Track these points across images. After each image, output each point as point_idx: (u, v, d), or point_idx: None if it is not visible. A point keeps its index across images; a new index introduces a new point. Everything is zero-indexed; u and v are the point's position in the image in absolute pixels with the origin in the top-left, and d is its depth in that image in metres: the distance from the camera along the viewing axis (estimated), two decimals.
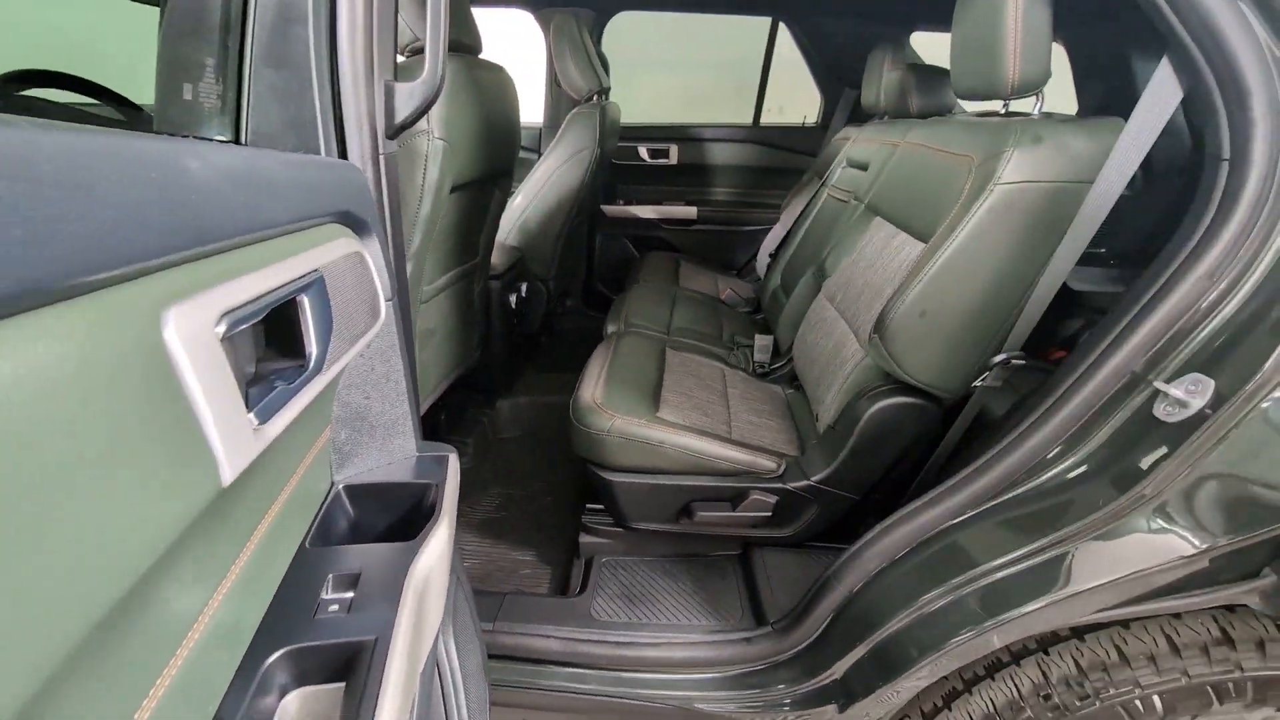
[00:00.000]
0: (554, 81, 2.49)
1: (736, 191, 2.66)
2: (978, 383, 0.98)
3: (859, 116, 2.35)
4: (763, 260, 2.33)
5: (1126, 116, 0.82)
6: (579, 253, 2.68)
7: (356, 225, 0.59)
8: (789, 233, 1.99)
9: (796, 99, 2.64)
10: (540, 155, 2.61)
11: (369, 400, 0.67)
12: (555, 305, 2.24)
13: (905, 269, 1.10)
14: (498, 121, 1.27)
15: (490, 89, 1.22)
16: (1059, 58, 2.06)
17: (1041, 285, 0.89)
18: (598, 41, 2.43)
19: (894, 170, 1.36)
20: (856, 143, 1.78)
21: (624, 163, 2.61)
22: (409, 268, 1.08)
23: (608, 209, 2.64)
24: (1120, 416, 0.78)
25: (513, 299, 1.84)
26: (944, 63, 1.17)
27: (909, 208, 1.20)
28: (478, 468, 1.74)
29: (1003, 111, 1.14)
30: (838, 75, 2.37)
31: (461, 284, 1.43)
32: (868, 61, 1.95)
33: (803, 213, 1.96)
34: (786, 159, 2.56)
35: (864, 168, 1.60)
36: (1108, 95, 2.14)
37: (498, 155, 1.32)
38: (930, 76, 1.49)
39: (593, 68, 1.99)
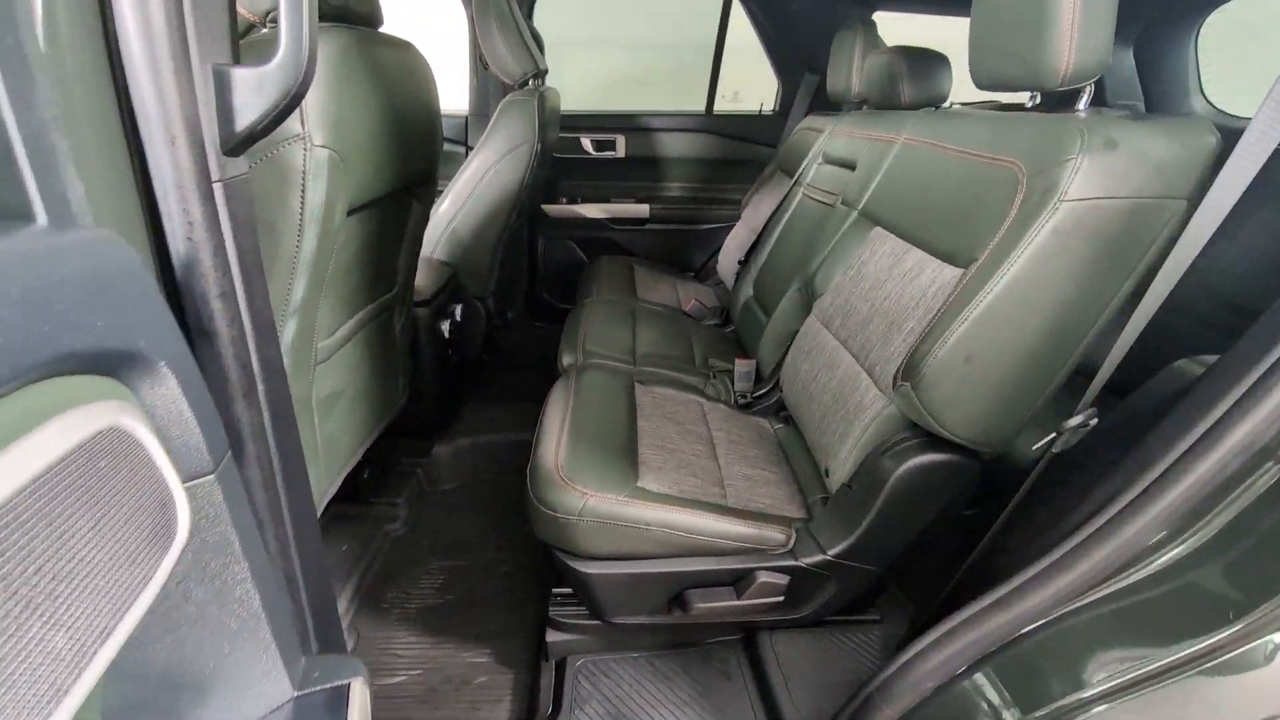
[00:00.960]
0: (480, 63, 2.16)
1: (691, 187, 2.43)
2: (1046, 445, 0.80)
3: (823, 104, 2.17)
4: (727, 264, 2.11)
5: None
6: (519, 259, 2.38)
7: (119, 365, 0.31)
8: (759, 237, 1.78)
9: (754, 84, 2.43)
10: (467, 149, 2.28)
11: (185, 651, 0.39)
12: (496, 323, 1.95)
13: (933, 297, 0.90)
14: (411, 115, 0.97)
15: (397, 73, 0.92)
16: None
17: (1129, 327, 0.71)
18: (529, 16, 2.12)
19: (896, 172, 1.17)
20: (834, 136, 1.59)
21: (566, 156, 2.32)
22: (290, 329, 0.78)
23: (549, 209, 2.35)
24: (1246, 497, 0.61)
25: (445, 326, 1.54)
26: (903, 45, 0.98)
27: (924, 220, 1.01)
28: (413, 536, 1.44)
29: (1029, 105, 0.96)
30: (798, 58, 2.17)
31: (376, 323, 1.13)
32: (834, 43, 1.76)
33: (774, 214, 1.75)
34: (744, 150, 2.35)
35: (849, 166, 1.41)
36: None
37: (413, 159, 1.02)
38: (928, 62, 1.31)
39: (526, 47, 1.69)
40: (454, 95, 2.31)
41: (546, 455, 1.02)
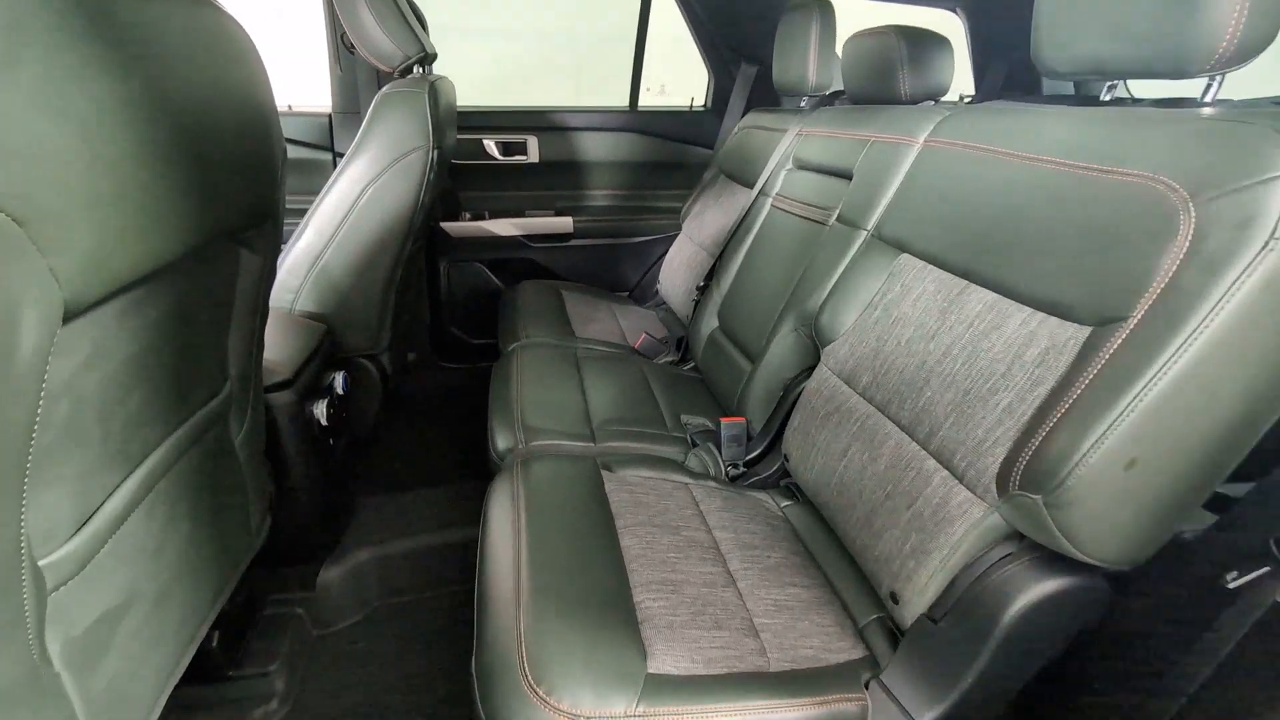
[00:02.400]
0: (342, 44, 1.69)
1: (619, 195, 2.10)
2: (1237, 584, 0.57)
3: (762, 98, 1.92)
4: (672, 284, 1.82)
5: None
6: (417, 290, 1.93)
7: None
8: (719, 259, 1.49)
9: (682, 76, 2.15)
10: (336, 158, 1.80)
11: None
12: (395, 381, 1.51)
13: (1040, 364, 0.65)
14: (219, 118, 0.57)
15: (181, 47, 0.51)
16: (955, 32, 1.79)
17: None
18: None
19: (921, 184, 0.92)
20: (806, 137, 1.33)
21: (466, 162, 1.91)
22: None
23: (451, 227, 1.92)
24: None
25: (321, 408, 1.10)
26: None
27: (994, 252, 0.76)
28: (300, 715, 1.01)
29: (1130, 99, 0.74)
30: (731, 47, 1.91)
31: (197, 452, 0.70)
32: (782, 27, 1.51)
33: (736, 231, 1.47)
34: (677, 152, 2.06)
35: (838, 174, 1.15)
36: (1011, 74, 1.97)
37: (232, 190, 0.61)
38: (931, 46, 1.07)
39: (406, 24, 1.28)
40: (310, 86, 1.81)
41: (500, 642, 0.66)
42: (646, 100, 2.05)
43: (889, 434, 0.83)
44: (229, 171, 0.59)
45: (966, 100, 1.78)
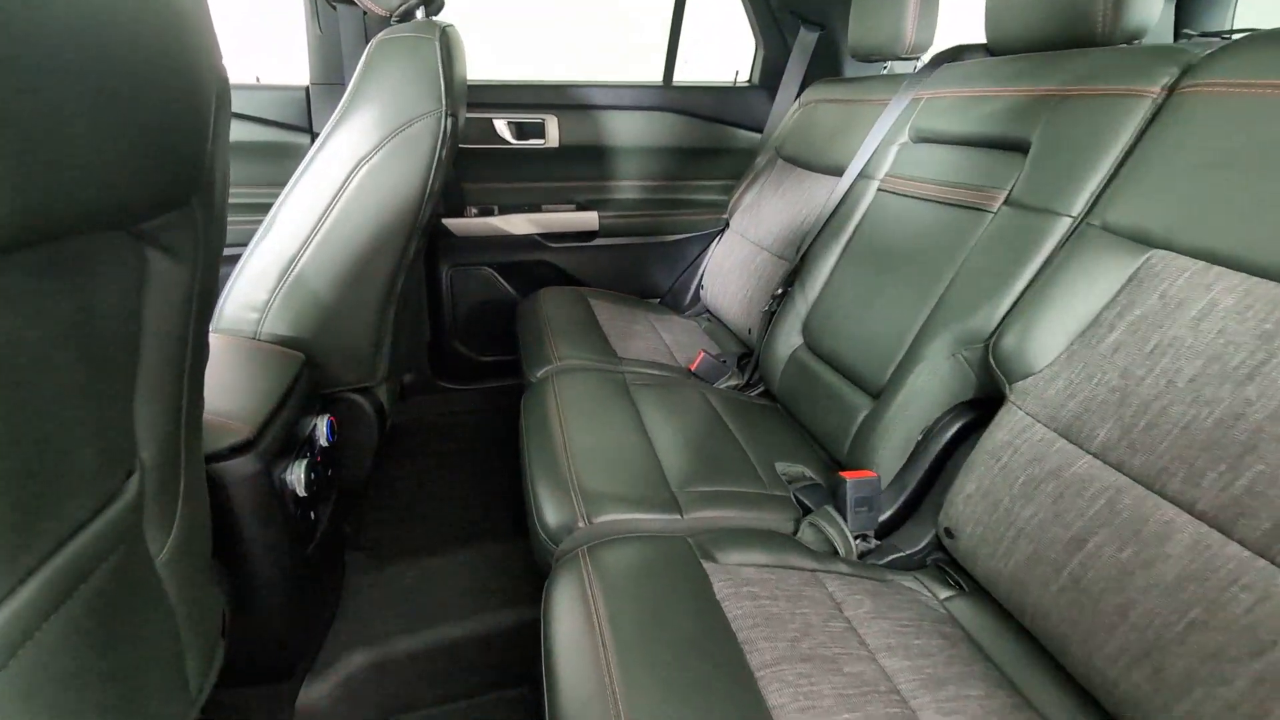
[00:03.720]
0: None
1: (652, 185, 1.81)
2: None
3: (824, 69, 1.64)
4: (720, 290, 1.52)
5: None
6: (414, 298, 1.62)
7: None
8: (802, 262, 1.20)
9: (713, 46, 1.86)
10: (312, 136, 1.48)
11: None
12: (393, 417, 1.20)
13: None
14: (85, 42, 0.26)
15: None
16: None
17: None
18: None
19: (1198, 149, 0.63)
20: (929, 102, 1.04)
21: (471, 147, 1.60)
22: None
23: (454, 224, 1.61)
24: None
25: (298, 474, 0.79)
26: None
27: None
28: None
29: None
30: (792, 8, 1.62)
31: (72, 608, 0.39)
32: None
33: (825, 226, 1.18)
34: (719, 135, 1.77)
35: (1002, 145, 0.86)
36: None
37: (117, 151, 0.30)
38: None
39: None
40: (285, 60, 1.49)
41: None
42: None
43: (1173, 523, 0.54)
44: (104, 121, 0.28)
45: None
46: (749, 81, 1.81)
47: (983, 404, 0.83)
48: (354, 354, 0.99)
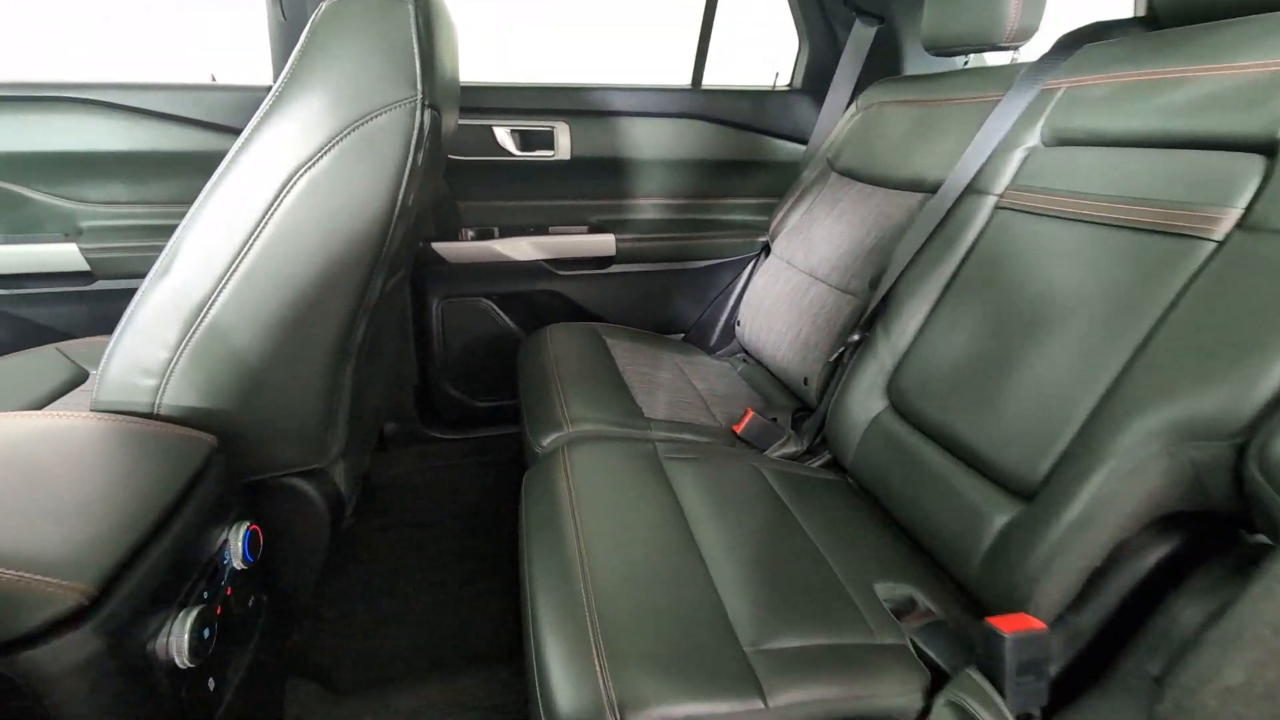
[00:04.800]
0: None
1: (678, 203, 1.56)
2: None
3: (884, 66, 1.40)
4: (761, 328, 1.26)
5: None
6: (399, 336, 1.36)
7: None
8: (886, 300, 0.94)
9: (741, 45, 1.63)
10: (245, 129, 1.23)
11: None
12: (355, 495, 0.93)
13: None
14: None
15: None
16: None
17: None
18: None
19: None
20: (1076, 91, 0.78)
21: (468, 158, 1.36)
22: None
23: (444, 249, 1.36)
24: None
25: (176, 640, 0.52)
26: None
27: None
28: None
29: None
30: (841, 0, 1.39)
31: None
32: None
33: (919, 255, 0.91)
34: (754, 146, 1.52)
35: (1215, 145, 0.60)
36: None
37: None
38: None
39: None
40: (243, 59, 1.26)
41: None
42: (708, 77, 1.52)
43: None
44: None
45: None
46: (789, 85, 1.58)
47: (1209, 519, 0.56)
48: (294, 429, 0.73)
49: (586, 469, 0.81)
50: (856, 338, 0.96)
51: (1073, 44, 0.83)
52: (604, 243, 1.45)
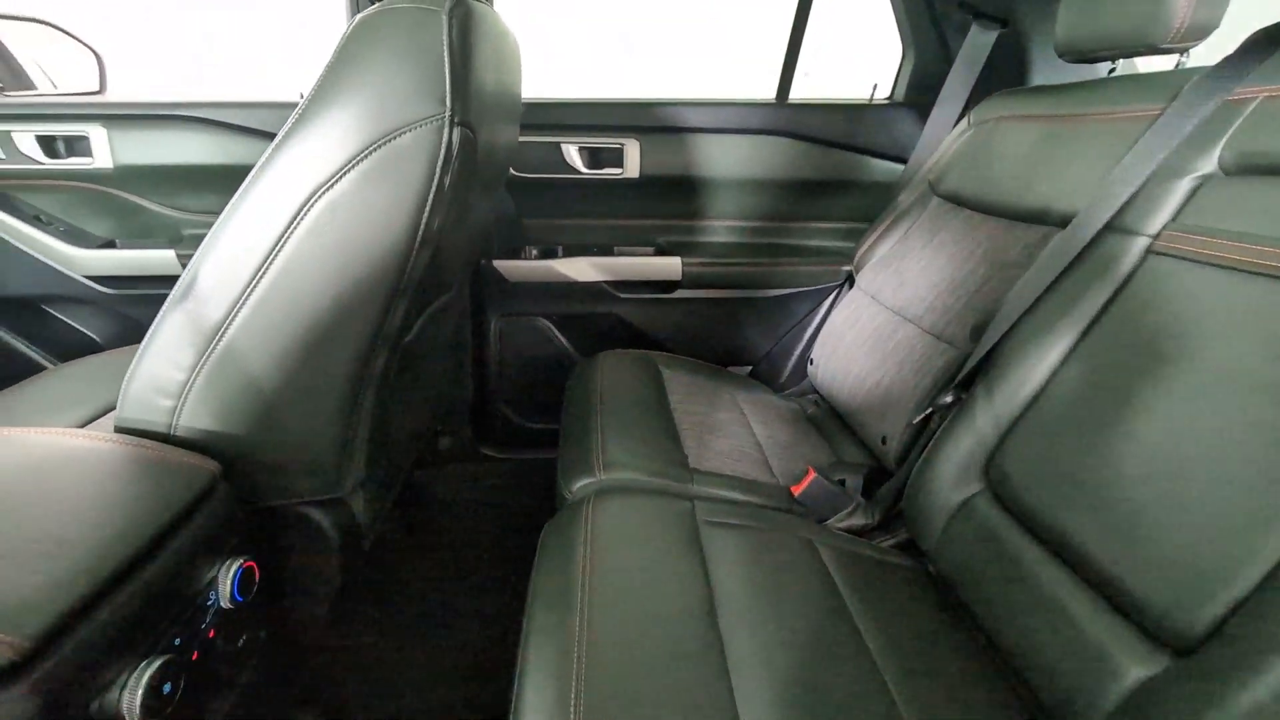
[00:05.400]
0: None
1: (753, 228, 1.45)
2: None
3: (1005, 76, 1.21)
4: (847, 371, 1.11)
5: None
6: (455, 351, 1.34)
7: None
8: (992, 354, 0.77)
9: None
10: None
11: None
12: (372, 531, 0.90)
13: None
14: None
15: None
16: None
17: None
18: None
19: None
20: (1271, 99, 0.60)
21: (533, 176, 1.33)
22: None
23: (507, 266, 1.33)
24: None
25: (127, 698, 0.48)
26: None
27: None
28: None
29: None
30: (960, 0, 1.22)
31: None
32: None
33: (1043, 300, 0.74)
34: (846, 164, 1.38)
35: None
36: None
37: None
38: None
39: None
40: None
41: None
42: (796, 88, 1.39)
43: None
44: None
45: None
46: (889, 97, 1.41)
47: None
48: (308, 458, 0.69)
49: (610, 529, 0.72)
50: (949, 399, 0.79)
51: (1271, 43, 0.63)
52: (670, 266, 1.36)
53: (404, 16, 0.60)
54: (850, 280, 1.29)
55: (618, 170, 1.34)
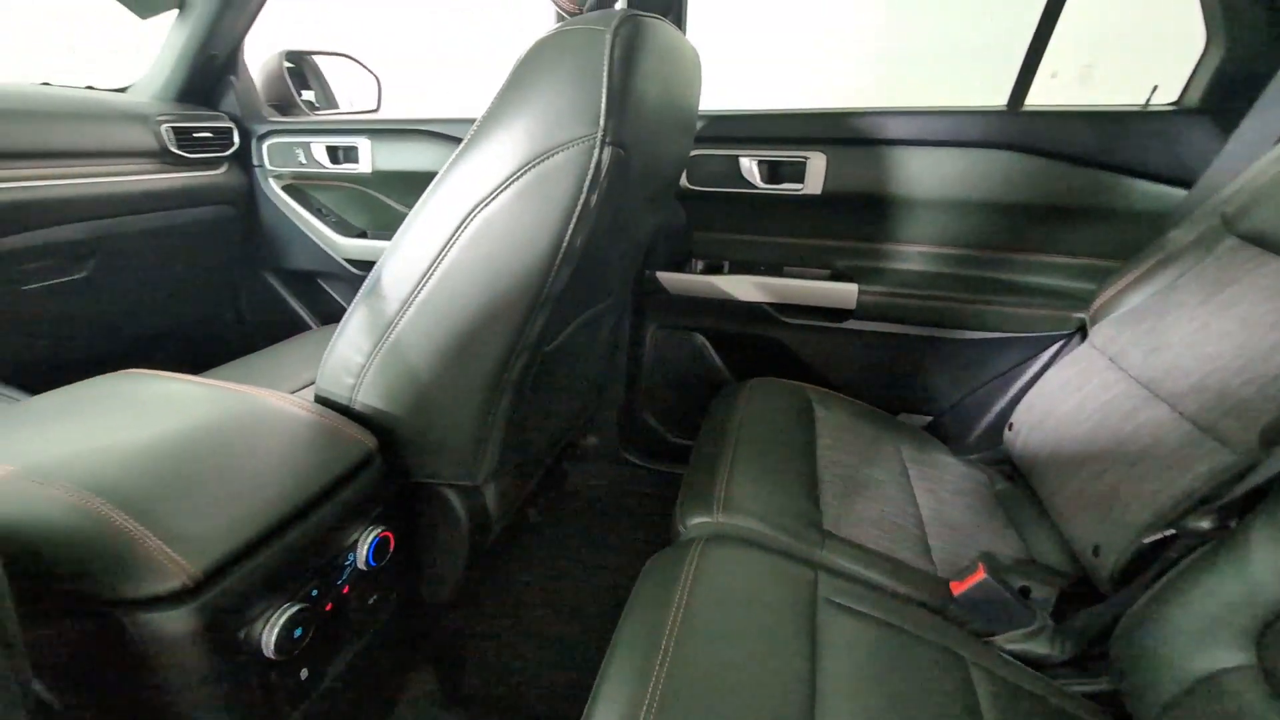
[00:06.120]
0: None
1: (956, 256, 1.23)
2: None
3: None
4: (1060, 444, 0.88)
5: None
6: (610, 355, 1.38)
7: None
8: (1273, 481, 0.55)
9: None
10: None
11: None
12: (502, 520, 0.95)
13: None
14: None
15: None
16: None
17: None
18: None
19: None
20: None
21: (706, 189, 1.29)
22: None
23: (669, 278, 1.32)
24: None
25: (266, 633, 0.56)
26: None
27: None
28: None
29: None
30: None
31: None
32: None
33: None
34: (1095, 185, 1.10)
35: None
36: None
37: None
38: None
39: None
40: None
41: None
42: (1039, 92, 1.13)
43: None
44: None
45: None
46: (1176, 103, 1.08)
47: None
48: (450, 446, 0.75)
49: (713, 580, 0.65)
50: (1209, 523, 0.57)
51: None
52: (844, 292, 1.23)
53: (572, 38, 0.61)
54: (1082, 332, 1.03)
55: (798, 185, 1.24)
